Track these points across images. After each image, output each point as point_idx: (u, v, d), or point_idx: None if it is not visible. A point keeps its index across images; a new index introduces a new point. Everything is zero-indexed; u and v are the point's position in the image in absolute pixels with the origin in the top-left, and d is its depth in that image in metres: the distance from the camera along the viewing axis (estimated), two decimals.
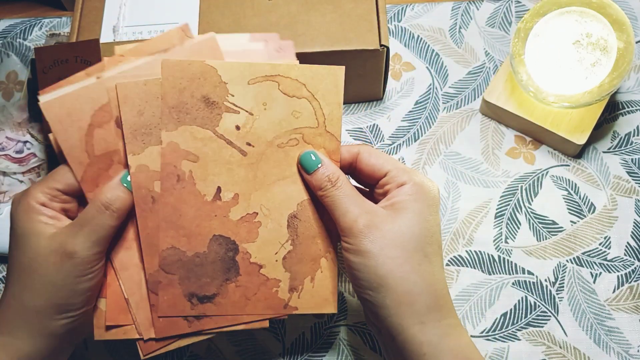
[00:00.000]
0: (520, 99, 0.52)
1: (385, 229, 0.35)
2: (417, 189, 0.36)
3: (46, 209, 0.37)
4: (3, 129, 0.56)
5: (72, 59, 0.48)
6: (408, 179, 0.37)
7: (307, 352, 0.49)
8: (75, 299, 0.36)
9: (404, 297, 0.34)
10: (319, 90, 0.39)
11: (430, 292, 0.35)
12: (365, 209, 0.36)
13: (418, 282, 0.34)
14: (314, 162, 0.38)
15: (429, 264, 0.35)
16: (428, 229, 0.36)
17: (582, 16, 0.49)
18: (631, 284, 0.49)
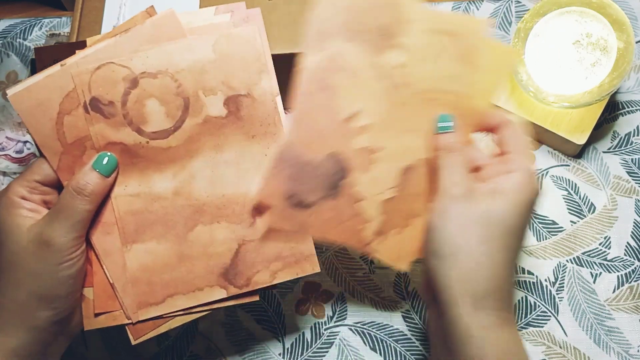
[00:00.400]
0: (520, 99, 0.52)
1: (479, 205, 0.35)
2: (525, 183, 0.36)
3: (26, 202, 0.37)
4: (3, 129, 0.56)
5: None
6: (519, 168, 0.36)
7: (307, 352, 0.49)
8: (57, 289, 0.36)
9: (469, 274, 0.34)
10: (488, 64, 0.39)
11: (496, 280, 0.34)
12: (468, 182, 0.36)
13: (488, 267, 0.34)
14: (446, 125, 0.38)
15: (505, 254, 0.35)
16: (517, 223, 0.35)
17: (582, 16, 0.49)
18: (631, 284, 0.49)
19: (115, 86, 0.37)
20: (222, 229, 0.39)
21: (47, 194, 0.38)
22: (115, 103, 0.37)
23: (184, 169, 0.38)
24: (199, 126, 0.38)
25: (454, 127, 0.38)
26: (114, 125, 0.37)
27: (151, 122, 0.37)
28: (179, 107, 0.38)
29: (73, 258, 0.36)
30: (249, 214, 0.39)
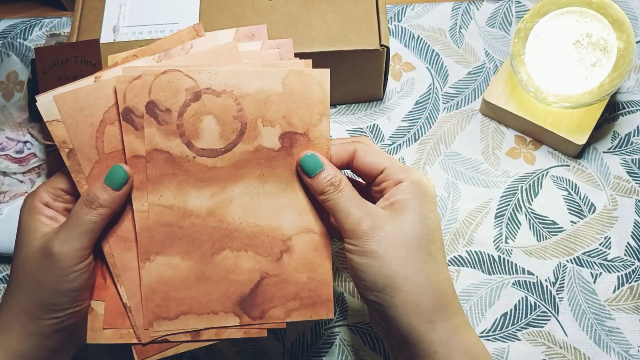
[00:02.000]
0: (520, 99, 0.52)
1: (388, 229, 0.35)
2: (415, 187, 0.36)
3: (47, 209, 0.37)
4: (3, 129, 0.56)
5: (72, 59, 0.48)
6: (405, 176, 0.36)
7: (307, 352, 0.49)
8: (59, 299, 0.35)
9: (411, 296, 0.34)
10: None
11: (437, 290, 0.35)
12: (367, 211, 0.36)
13: (424, 282, 0.34)
14: (315, 164, 0.37)
15: (434, 262, 0.35)
16: (430, 227, 0.36)
17: (582, 16, 0.49)
18: (631, 284, 0.49)
19: (177, 95, 0.37)
20: (248, 258, 0.39)
21: (70, 203, 0.38)
22: (172, 112, 0.37)
23: (224, 191, 0.38)
24: (250, 153, 0.38)
25: (323, 164, 0.37)
26: (165, 133, 0.37)
27: (203, 138, 0.37)
28: (235, 130, 0.37)
29: (76, 271, 0.35)
30: (278, 248, 0.39)
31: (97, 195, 0.35)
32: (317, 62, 0.50)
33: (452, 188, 0.53)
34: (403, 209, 0.36)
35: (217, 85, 0.37)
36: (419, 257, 0.35)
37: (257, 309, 0.39)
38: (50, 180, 0.38)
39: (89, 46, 0.48)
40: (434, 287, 0.35)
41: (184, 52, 0.39)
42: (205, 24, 0.50)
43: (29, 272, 0.35)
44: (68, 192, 0.38)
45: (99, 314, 0.38)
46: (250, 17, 0.50)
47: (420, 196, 0.36)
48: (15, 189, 0.54)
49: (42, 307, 0.35)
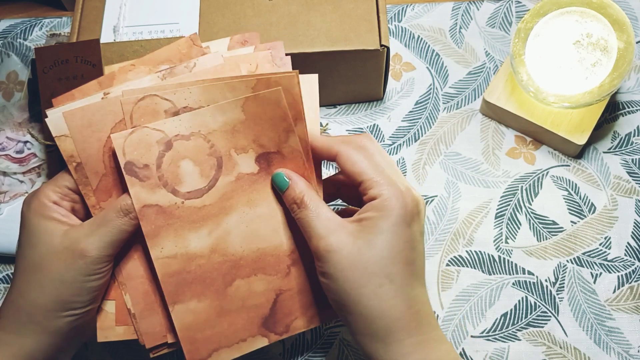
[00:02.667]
0: (520, 99, 0.52)
1: (346, 252, 0.34)
2: (389, 205, 0.34)
3: (58, 207, 0.37)
4: (3, 129, 0.56)
5: (72, 59, 0.48)
6: (381, 192, 0.35)
7: (307, 352, 0.49)
8: (81, 297, 0.36)
9: (361, 319, 0.34)
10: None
11: (392, 313, 0.34)
12: (329, 230, 0.35)
13: (375, 306, 0.34)
14: (284, 182, 0.38)
15: (391, 285, 0.34)
16: (392, 249, 0.34)
17: (582, 16, 0.49)
18: (631, 284, 0.49)
19: (150, 149, 0.37)
20: (259, 281, 0.39)
21: (76, 202, 0.39)
22: (150, 166, 0.37)
23: (219, 226, 0.38)
24: (232, 183, 0.38)
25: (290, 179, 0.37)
26: (149, 187, 0.37)
27: (186, 182, 0.38)
28: (212, 166, 0.38)
29: (103, 271, 0.37)
30: (285, 264, 0.39)
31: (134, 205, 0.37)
32: (317, 62, 0.50)
33: (452, 188, 0.53)
34: (369, 228, 0.34)
35: (184, 130, 0.38)
36: (374, 281, 0.34)
37: (281, 325, 0.40)
38: (56, 180, 0.38)
39: (89, 46, 0.48)
40: (387, 311, 0.34)
41: (187, 70, 0.40)
42: (205, 24, 0.50)
43: (53, 271, 0.36)
44: (74, 191, 0.38)
45: (108, 312, 0.39)
46: (250, 17, 0.50)
47: (391, 215, 0.34)
48: (15, 189, 0.54)
49: (64, 304, 0.36)
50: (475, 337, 0.48)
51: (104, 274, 0.37)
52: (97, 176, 0.38)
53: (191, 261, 0.38)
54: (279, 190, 0.38)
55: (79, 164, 0.38)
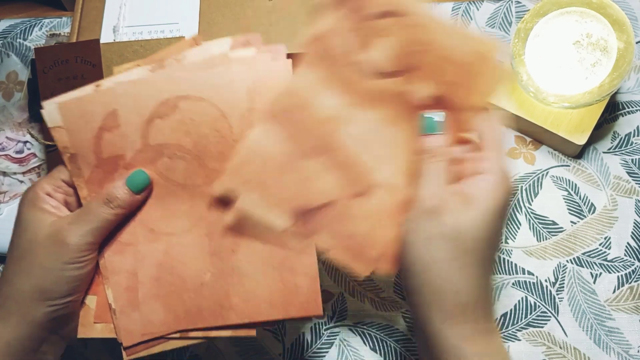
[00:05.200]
0: (520, 99, 0.52)
1: (448, 220, 0.34)
2: (496, 188, 0.34)
3: (50, 198, 0.38)
4: (3, 129, 0.56)
5: (72, 59, 0.48)
6: (493, 169, 0.35)
7: (307, 352, 0.49)
8: (60, 286, 0.36)
9: (438, 292, 0.33)
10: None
11: (469, 294, 0.34)
12: (441, 193, 0.35)
13: (456, 282, 0.33)
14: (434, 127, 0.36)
15: (479, 266, 0.34)
16: (492, 232, 0.34)
17: (582, 16, 0.49)
18: (631, 285, 0.49)
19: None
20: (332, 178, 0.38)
21: (69, 195, 0.39)
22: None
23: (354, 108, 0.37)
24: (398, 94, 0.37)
25: (443, 128, 0.36)
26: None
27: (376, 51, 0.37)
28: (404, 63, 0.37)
29: (83, 261, 0.37)
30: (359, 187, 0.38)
31: (116, 195, 0.37)
32: None
33: None
34: (474, 205, 0.34)
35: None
36: (466, 259, 0.34)
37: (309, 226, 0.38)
38: (52, 173, 0.39)
39: (89, 46, 0.48)
40: (465, 290, 0.33)
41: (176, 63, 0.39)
42: (205, 24, 0.50)
43: (35, 258, 0.36)
44: (68, 184, 0.39)
45: (90, 308, 0.39)
46: (250, 17, 0.50)
47: (497, 198, 0.34)
48: (15, 189, 0.54)
49: (43, 293, 0.36)
50: None
51: (85, 263, 0.37)
52: (89, 167, 0.38)
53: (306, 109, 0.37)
54: (422, 128, 0.36)
55: (73, 155, 0.38)
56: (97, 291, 0.39)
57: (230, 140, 0.37)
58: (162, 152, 0.38)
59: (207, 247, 0.38)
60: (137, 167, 0.38)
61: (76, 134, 0.38)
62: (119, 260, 0.38)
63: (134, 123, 0.38)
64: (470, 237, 0.34)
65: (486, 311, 0.34)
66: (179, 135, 0.38)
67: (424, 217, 0.34)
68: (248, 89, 0.37)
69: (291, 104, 0.37)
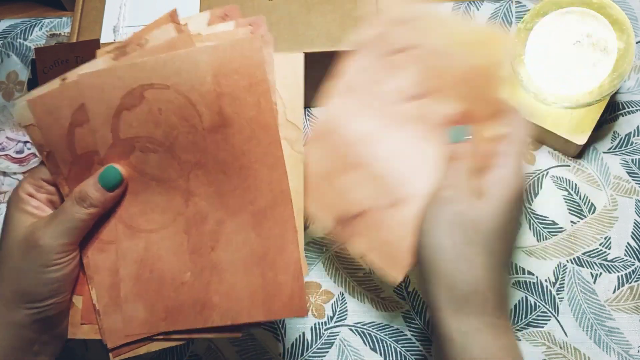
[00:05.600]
0: (520, 99, 0.52)
1: (459, 208, 0.35)
2: (508, 181, 0.35)
3: (32, 199, 0.37)
4: (3, 129, 0.56)
5: (72, 59, 0.48)
6: (504, 163, 0.36)
7: (307, 352, 0.49)
8: (40, 289, 0.35)
9: (447, 279, 0.34)
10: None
11: (477, 285, 0.34)
12: (459, 186, 0.36)
13: (465, 272, 0.34)
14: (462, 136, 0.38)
15: (489, 258, 0.34)
16: (503, 224, 0.35)
17: (582, 17, 0.49)
18: (631, 285, 0.49)
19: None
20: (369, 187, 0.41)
21: (52, 194, 0.38)
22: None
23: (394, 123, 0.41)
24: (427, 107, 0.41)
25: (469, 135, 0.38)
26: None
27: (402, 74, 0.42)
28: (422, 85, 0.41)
29: (60, 263, 0.36)
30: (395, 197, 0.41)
31: (88, 194, 0.35)
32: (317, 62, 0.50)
33: None
34: (487, 198, 0.35)
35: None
36: (475, 249, 0.34)
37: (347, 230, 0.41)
38: (32, 172, 0.38)
39: (89, 46, 0.48)
40: (474, 280, 0.34)
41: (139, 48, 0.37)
42: None
43: (12, 261, 0.36)
44: (49, 182, 0.38)
45: (79, 308, 0.38)
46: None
47: (508, 192, 0.35)
48: None
49: (23, 296, 0.35)
50: None
51: (63, 265, 0.36)
52: (67, 164, 0.37)
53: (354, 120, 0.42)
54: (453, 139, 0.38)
55: (49, 152, 0.37)
56: (83, 291, 0.38)
57: (201, 129, 0.35)
58: (134, 146, 0.36)
59: (185, 244, 0.37)
60: (111, 163, 0.36)
61: (48, 131, 0.36)
62: (102, 259, 0.37)
63: (102, 116, 0.36)
64: (480, 228, 0.34)
65: (496, 305, 0.34)
66: (149, 127, 0.36)
67: (439, 205, 0.35)
68: (214, 73, 0.35)
69: (326, 129, 0.41)
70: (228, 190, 0.36)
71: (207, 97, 0.35)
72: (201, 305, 0.36)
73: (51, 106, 0.36)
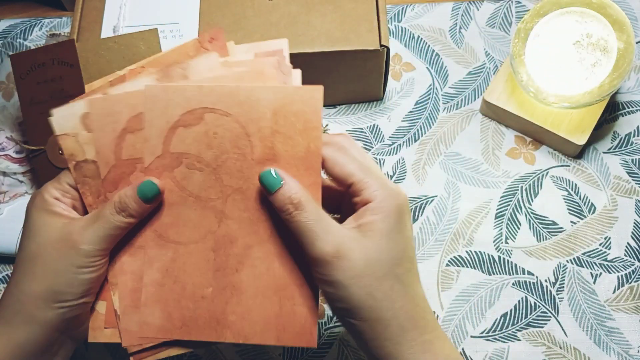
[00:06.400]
0: (520, 99, 0.52)
1: (354, 257, 0.33)
2: (385, 206, 0.34)
3: (60, 203, 0.38)
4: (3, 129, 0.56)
5: (48, 61, 0.47)
6: (373, 194, 0.34)
7: (307, 352, 0.49)
8: (73, 288, 0.36)
9: (377, 323, 0.34)
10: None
11: (403, 313, 0.34)
12: (333, 236, 0.34)
13: (390, 308, 0.34)
14: (275, 180, 0.35)
15: (401, 285, 0.34)
16: (397, 250, 0.34)
17: (582, 16, 0.49)
18: (631, 285, 0.49)
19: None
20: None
21: (77, 200, 0.39)
22: None
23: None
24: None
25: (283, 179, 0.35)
26: None
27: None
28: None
29: (95, 265, 0.37)
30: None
31: (128, 204, 0.37)
32: (317, 62, 0.50)
33: (452, 188, 0.53)
34: (370, 232, 0.34)
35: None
36: (385, 284, 0.34)
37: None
38: (58, 177, 0.39)
39: (65, 47, 0.47)
40: (400, 311, 0.34)
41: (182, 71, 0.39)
42: (205, 24, 0.50)
43: (47, 261, 0.36)
44: (75, 188, 0.39)
45: (100, 313, 0.39)
46: (251, 17, 0.50)
47: (389, 216, 0.34)
48: (15, 189, 0.54)
49: (55, 294, 0.36)
50: (475, 338, 0.48)
51: (98, 267, 0.37)
52: (107, 166, 0.38)
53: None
54: (268, 190, 0.35)
55: (78, 163, 0.38)
56: (107, 297, 0.39)
57: (250, 160, 0.37)
58: (181, 161, 0.38)
59: (212, 261, 0.38)
60: (155, 172, 0.38)
61: (100, 132, 0.38)
62: (129, 262, 0.39)
63: (158, 128, 0.38)
64: (381, 263, 0.34)
65: (426, 322, 0.35)
66: (201, 147, 0.38)
67: (331, 267, 0.33)
68: (274, 111, 0.37)
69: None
70: (261, 220, 0.38)
71: (262, 132, 0.37)
72: (217, 322, 0.38)
73: (110, 109, 0.38)
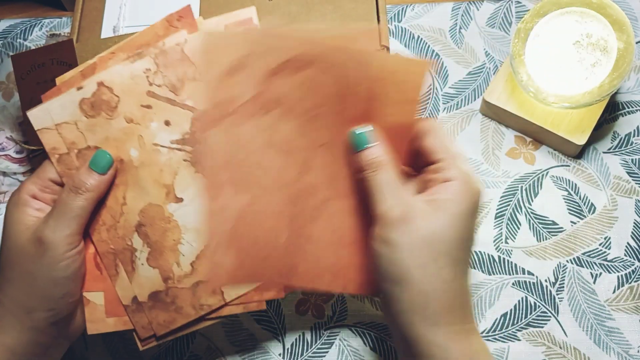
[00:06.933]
0: (520, 99, 0.52)
1: (418, 225, 0.34)
2: (464, 191, 0.35)
3: (35, 201, 0.37)
4: (3, 129, 0.56)
5: (48, 61, 0.47)
6: (457, 175, 0.35)
7: (307, 353, 0.49)
8: (53, 289, 0.35)
9: (420, 296, 0.34)
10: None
11: (448, 296, 0.34)
12: (403, 200, 0.34)
13: (437, 286, 0.34)
14: (365, 139, 0.36)
15: (454, 268, 0.34)
16: (461, 235, 0.34)
17: (582, 16, 0.49)
18: (631, 285, 0.49)
19: None
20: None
21: (57, 194, 0.38)
22: None
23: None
24: None
25: (376, 139, 0.36)
26: None
27: None
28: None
29: (68, 258, 0.36)
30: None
31: (82, 180, 0.36)
32: None
33: None
34: (443, 209, 0.34)
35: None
36: (440, 261, 0.34)
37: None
38: (37, 172, 0.38)
39: (64, 47, 0.47)
40: (446, 293, 0.34)
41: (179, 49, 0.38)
42: None
43: (21, 265, 0.35)
44: (56, 183, 0.38)
45: (97, 304, 0.38)
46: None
47: (466, 201, 0.34)
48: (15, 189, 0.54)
49: (38, 299, 0.35)
50: None
51: (71, 260, 0.36)
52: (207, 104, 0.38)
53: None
54: (355, 146, 0.36)
55: (61, 156, 0.37)
56: (104, 287, 0.38)
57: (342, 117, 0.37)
58: (273, 108, 0.37)
59: (289, 210, 0.38)
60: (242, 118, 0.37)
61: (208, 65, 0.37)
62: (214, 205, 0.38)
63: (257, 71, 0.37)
64: (444, 239, 0.34)
65: (465, 312, 0.35)
66: (295, 96, 0.37)
67: (394, 228, 0.34)
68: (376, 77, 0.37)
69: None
70: (343, 176, 0.38)
71: (361, 94, 0.37)
72: (288, 268, 0.38)
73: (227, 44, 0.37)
